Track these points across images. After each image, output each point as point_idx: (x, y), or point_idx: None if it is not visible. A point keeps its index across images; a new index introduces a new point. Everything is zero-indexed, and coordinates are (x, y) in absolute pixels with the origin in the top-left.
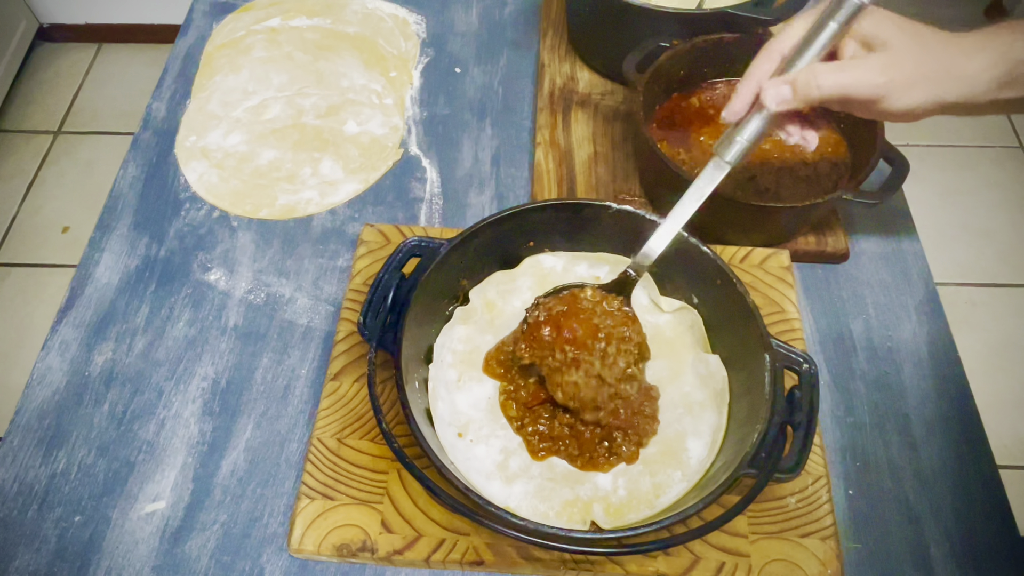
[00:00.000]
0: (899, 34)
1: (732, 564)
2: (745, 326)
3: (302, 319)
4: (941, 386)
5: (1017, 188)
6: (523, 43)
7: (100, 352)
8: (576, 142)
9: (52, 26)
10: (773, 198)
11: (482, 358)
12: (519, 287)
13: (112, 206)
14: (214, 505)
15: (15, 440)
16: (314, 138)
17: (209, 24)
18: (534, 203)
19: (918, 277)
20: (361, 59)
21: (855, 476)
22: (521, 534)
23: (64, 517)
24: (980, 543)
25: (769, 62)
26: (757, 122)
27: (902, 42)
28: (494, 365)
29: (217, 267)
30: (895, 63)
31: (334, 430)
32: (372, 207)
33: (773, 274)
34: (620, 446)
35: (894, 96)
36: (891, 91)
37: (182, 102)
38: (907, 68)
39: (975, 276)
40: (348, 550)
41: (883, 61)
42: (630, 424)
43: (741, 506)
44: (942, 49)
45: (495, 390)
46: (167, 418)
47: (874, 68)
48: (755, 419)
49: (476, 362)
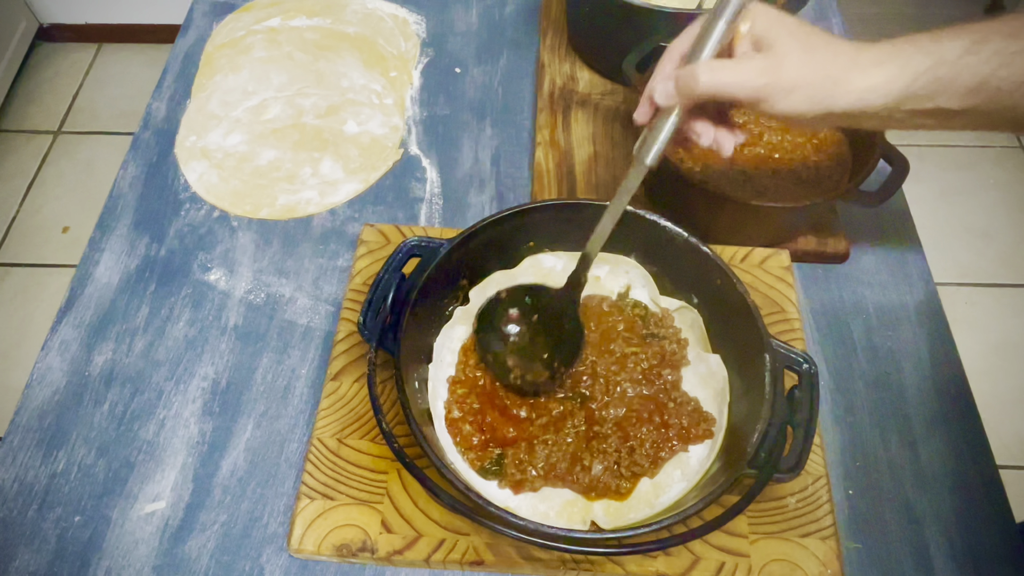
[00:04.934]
0: (787, 39)
1: (732, 564)
2: (745, 326)
3: (302, 319)
4: (941, 386)
5: (1017, 188)
6: (523, 43)
7: (100, 352)
8: (576, 142)
9: (52, 26)
10: (773, 198)
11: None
12: None
13: (112, 206)
14: (214, 505)
15: (15, 440)
16: (314, 138)
17: (209, 24)
18: (534, 203)
19: (918, 277)
20: (361, 59)
21: (855, 476)
22: (521, 534)
23: (64, 517)
24: (980, 543)
25: (670, 62)
26: (669, 122)
27: (788, 47)
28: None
29: (217, 267)
30: (774, 67)
31: (334, 430)
32: (372, 207)
33: (773, 274)
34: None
35: (773, 99)
36: (769, 94)
37: (182, 102)
38: (786, 73)
39: (975, 276)
40: (348, 550)
41: (764, 64)
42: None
43: (741, 506)
44: (831, 59)
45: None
46: (167, 418)
47: (753, 70)
48: (755, 419)
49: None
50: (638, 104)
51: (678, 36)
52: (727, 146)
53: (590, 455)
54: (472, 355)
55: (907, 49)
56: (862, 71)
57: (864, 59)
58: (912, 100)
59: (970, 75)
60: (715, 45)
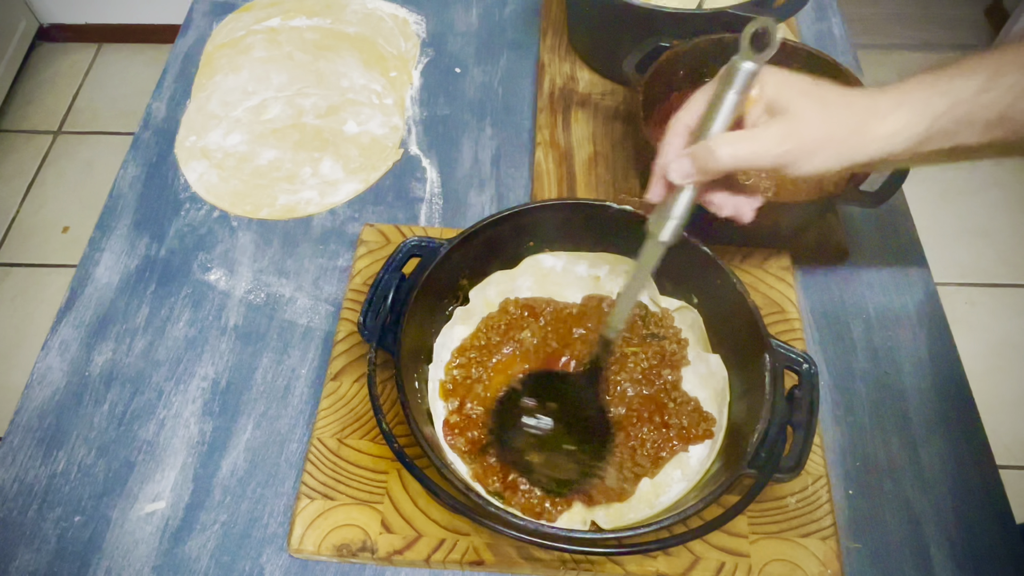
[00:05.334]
0: (801, 99)
1: (732, 564)
2: (745, 326)
3: (302, 319)
4: (941, 386)
5: (1017, 188)
6: (523, 43)
7: (100, 352)
8: (576, 142)
9: (52, 26)
10: (773, 198)
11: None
12: (519, 287)
13: (112, 206)
14: (214, 505)
15: (15, 440)
16: (314, 138)
17: (209, 24)
18: (534, 203)
19: (918, 277)
20: (361, 59)
21: (855, 476)
22: (521, 534)
23: (64, 517)
24: (980, 543)
25: (677, 137)
26: (682, 199)
27: (804, 107)
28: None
29: (217, 267)
30: (795, 131)
31: (334, 430)
32: (372, 207)
33: (773, 274)
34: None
35: (798, 163)
36: (794, 159)
37: (182, 102)
38: (808, 134)
39: (975, 276)
40: (348, 550)
41: (783, 130)
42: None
43: (741, 506)
44: (847, 112)
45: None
46: (167, 418)
47: (773, 137)
48: (755, 419)
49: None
50: (648, 183)
51: (682, 108)
52: (748, 214)
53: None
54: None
55: (923, 92)
56: (881, 119)
57: (881, 107)
58: (933, 141)
59: (988, 111)
60: (727, 116)
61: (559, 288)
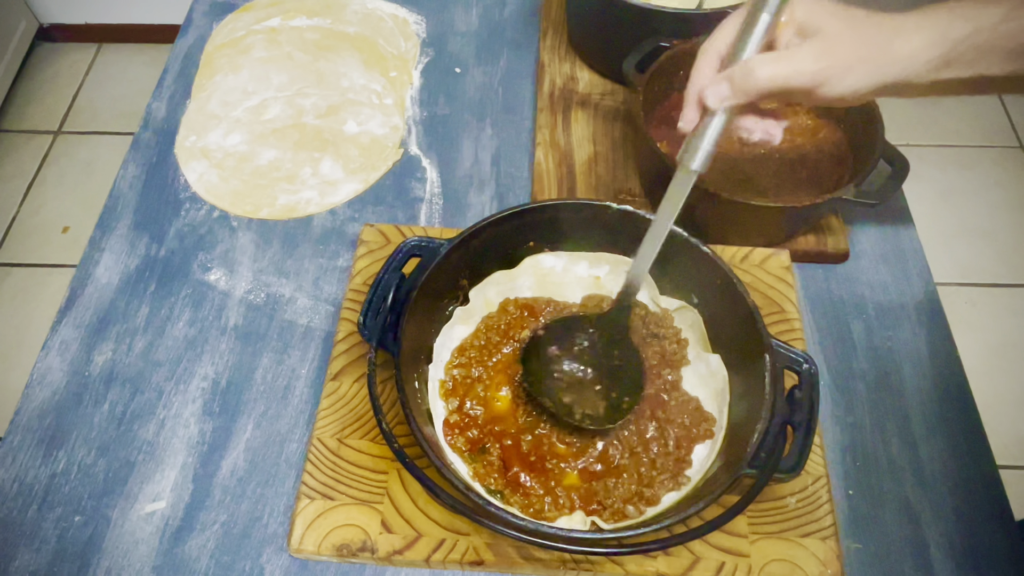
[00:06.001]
0: (832, 19)
1: (732, 564)
2: (745, 326)
3: (302, 319)
4: (941, 386)
5: (1017, 188)
6: (523, 43)
7: (100, 352)
8: (576, 142)
9: (52, 26)
10: (773, 198)
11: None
12: (519, 287)
13: (112, 206)
14: (214, 505)
15: (15, 440)
16: (314, 138)
17: (209, 24)
18: (534, 203)
19: (918, 277)
20: (361, 59)
21: (855, 476)
22: (521, 534)
23: (64, 517)
24: (980, 543)
25: (708, 64)
26: (715, 124)
27: (835, 27)
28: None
29: (217, 267)
30: (829, 49)
31: (334, 430)
32: (372, 207)
33: (773, 274)
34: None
35: (832, 82)
36: (828, 77)
37: (182, 102)
38: (841, 53)
39: (975, 276)
40: (348, 550)
41: (817, 48)
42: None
43: (741, 506)
44: (876, 31)
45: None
46: (167, 418)
47: (808, 56)
48: (755, 419)
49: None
50: (682, 110)
51: (711, 36)
52: (778, 135)
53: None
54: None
55: (946, 15)
56: (905, 38)
57: (907, 25)
58: (953, 67)
59: (1009, 41)
60: (760, 39)
61: (559, 288)
